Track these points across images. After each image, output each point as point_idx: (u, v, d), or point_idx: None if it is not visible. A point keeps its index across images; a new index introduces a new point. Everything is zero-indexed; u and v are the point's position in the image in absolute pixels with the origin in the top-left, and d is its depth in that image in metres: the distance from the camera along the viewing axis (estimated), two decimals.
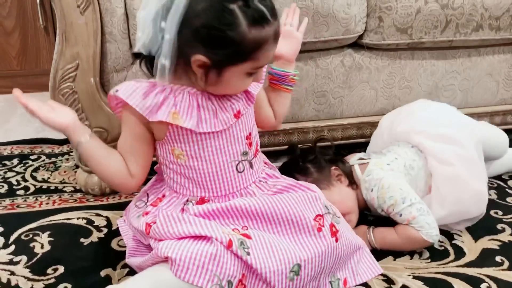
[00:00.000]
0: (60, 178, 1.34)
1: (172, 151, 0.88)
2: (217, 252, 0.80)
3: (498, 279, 0.97)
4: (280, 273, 0.83)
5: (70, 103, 1.13)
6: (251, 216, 0.89)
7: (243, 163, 0.91)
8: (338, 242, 0.90)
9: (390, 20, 1.28)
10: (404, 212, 1.02)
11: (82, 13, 1.06)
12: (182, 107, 0.84)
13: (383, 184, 1.06)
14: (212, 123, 0.86)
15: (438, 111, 1.23)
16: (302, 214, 0.89)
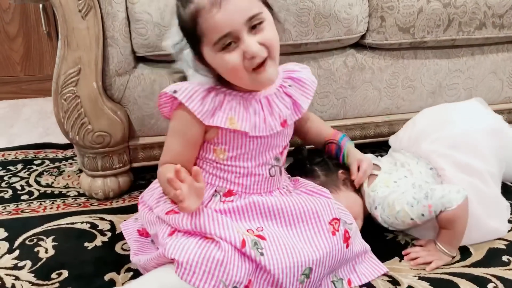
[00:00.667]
0: (64, 183, 1.34)
1: (214, 150, 0.92)
2: (224, 257, 0.80)
3: (505, 278, 0.96)
4: (292, 275, 0.84)
5: (72, 107, 1.13)
6: (268, 213, 0.90)
7: (275, 168, 0.96)
8: (348, 248, 0.91)
9: (392, 20, 1.27)
10: (421, 210, 0.99)
11: (83, 17, 1.06)
12: (237, 112, 0.88)
13: (388, 203, 1.03)
14: (261, 127, 0.90)
15: (470, 124, 1.13)
16: (318, 216, 0.91)
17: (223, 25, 0.79)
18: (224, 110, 0.88)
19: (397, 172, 1.10)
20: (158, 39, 1.13)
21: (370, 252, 1.01)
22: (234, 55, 0.82)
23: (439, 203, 0.98)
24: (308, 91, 0.98)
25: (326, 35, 1.24)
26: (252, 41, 0.81)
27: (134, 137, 1.24)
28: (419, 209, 0.99)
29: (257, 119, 0.90)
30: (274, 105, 0.92)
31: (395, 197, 1.03)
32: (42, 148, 1.56)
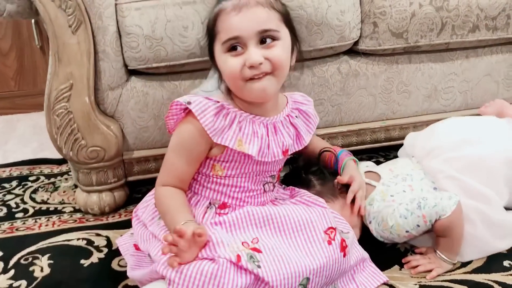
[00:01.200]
0: (59, 199, 1.33)
1: (213, 166, 0.93)
2: (217, 272, 0.79)
3: (507, 284, 0.95)
4: (290, 286, 0.82)
5: (65, 123, 1.12)
6: (263, 222, 0.89)
7: (269, 185, 0.98)
8: (345, 257, 0.90)
9: (385, 25, 1.26)
10: (415, 221, 0.97)
11: (74, 32, 1.06)
12: (246, 134, 0.90)
13: (382, 217, 1.02)
14: (265, 153, 0.92)
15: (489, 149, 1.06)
16: (313, 225, 0.90)
17: (235, 28, 0.83)
18: (234, 131, 0.89)
19: (396, 186, 1.07)
20: (150, 52, 1.12)
21: (370, 261, 1.00)
22: (235, 60, 0.84)
23: (433, 212, 0.96)
24: (311, 125, 1.03)
25: (319, 42, 1.23)
26: (256, 51, 0.84)
27: (128, 151, 1.23)
28: (413, 220, 0.98)
29: (263, 144, 0.91)
30: (280, 133, 0.94)
31: (388, 211, 1.01)
32: (37, 163, 1.55)
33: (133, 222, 1.01)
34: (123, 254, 1.04)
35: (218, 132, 0.88)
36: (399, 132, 1.42)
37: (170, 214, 0.88)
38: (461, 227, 0.98)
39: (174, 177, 0.92)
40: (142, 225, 0.97)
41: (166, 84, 1.19)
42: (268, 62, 0.84)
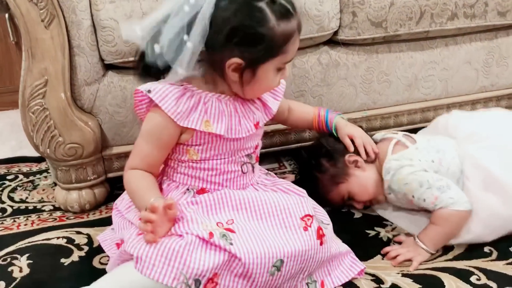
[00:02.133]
0: (38, 197, 1.31)
1: (187, 151, 0.91)
2: (184, 248, 0.79)
3: (487, 270, 0.96)
4: (262, 266, 0.82)
5: (41, 120, 1.09)
6: (240, 205, 0.90)
7: (247, 165, 0.97)
8: (322, 245, 0.89)
9: (364, 15, 1.26)
10: (426, 195, 1.00)
11: (46, 27, 1.03)
12: (213, 114, 0.88)
13: (401, 172, 1.04)
14: (237, 130, 0.91)
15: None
16: (290, 211, 0.90)
17: (295, 51, 0.88)
18: (200, 112, 0.87)
19: (428, 154, 1.08)
20: (126, 45, 1.10)
21: (352, 253, 1.00)
22: (279, 76, 0.89)
23: (446, 199, 0.98)
24: (277, 92, 1.00)
25: None
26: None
27: (107, 147, 1.21)
28: (425, 193, 1.00)
29: (233, 122, 0.90)
30: (247, 107, 0.93)
31: (410, 170, 1.03)
32: (15, 162, 1.52)
33: (113, 214, 1.02)
34: (105, 250, 1.03)
35: (183, 116, 0.86)
36: (381, 122, 1.42)
37: (139, 194, 0.88)
38: (455, 228, 1.00)
39: (143, 162, 0.91)
40: (121, 215, 0.97)
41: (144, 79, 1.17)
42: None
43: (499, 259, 0.99)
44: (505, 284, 0.92)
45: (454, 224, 1.00)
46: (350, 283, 0.94)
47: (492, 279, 0.94)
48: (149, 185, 0.90)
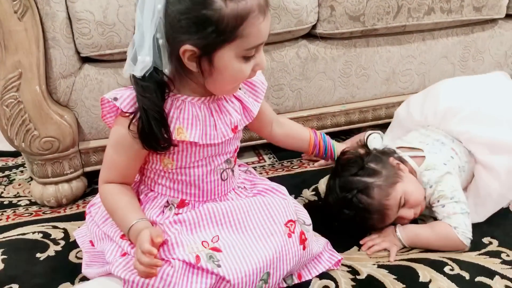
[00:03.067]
0: (14, 192, 1.29)
1: (161, 160, 0.87)
2: (172, 278, 0.78)
3: (461, 260, 0.98)
4: (251, 282, 0.82)
5: (15, 113, 1.08)
6: (223, 219, 0.88)
7: (227, 172, 0.92)
8: (305, 250, 0.90)
9: (342, 9, 1.27)
10: (448, 205, 1.01)
11: (20, 19, 1.01)
12: (186, 119, 0.83)
13: (439, 180, 1.04)
14: (212, 135, 0.85)
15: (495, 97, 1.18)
16: (273, 218, 0.89)
17: (263, 35, 0.78)
18: (171, 119, 0.82)
19: (442, 153, 1.10)
20: (102, 38, 1.09)
21: (329, 245, 1.01)
22: (248, 65, 0.79)
23: (459, 222, 1.00)
24: (258, 93, 0.94)
25: (277, 27, 1.22)
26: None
27: (84, 141, 1.20)
28: (449, 204, 1.01)
29: (207, 126, 0.85)
30: (225, 110, 0.87)
31: (447, 179, 1.04)
32: None
33: (87, 219, 0.98)
34: (80, 245, 1.02)
35: None
36: (359, 116, 1.44)
37: (120, 213, 0.85)
38: (442, 246, 1.01)
39: (116, 174, 0.87)
40: (96, 225, 0.94)
41: (120, 71, 1.16)
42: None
43: (472, 250, 1.01)
44: (477, 274, 0.94)
45: (446, 244, 1.01)
46: (327, 274, 0.95)
47: (464, 269, 0.96)
48: (129, 203, 0.86)
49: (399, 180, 1.01)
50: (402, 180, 1.02)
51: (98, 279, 0.84)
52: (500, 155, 1.07)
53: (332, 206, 1.04)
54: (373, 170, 1.02)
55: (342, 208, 1.01)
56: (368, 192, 1.00)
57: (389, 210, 1.00)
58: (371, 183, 1.00)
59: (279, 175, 1.32)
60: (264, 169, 1.36)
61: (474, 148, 1.10)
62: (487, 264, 0.97)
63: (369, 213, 1.00)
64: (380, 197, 0.99)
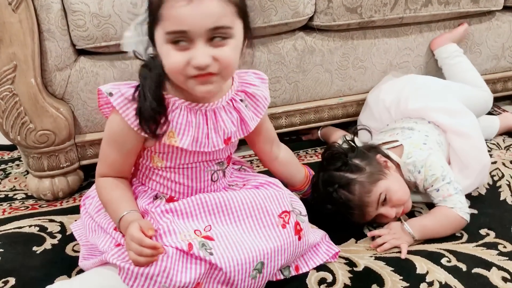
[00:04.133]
0: (10, 186, 1.28)
1: (151, 158, 0.87)
2: (166, 263, 0.78)
3: (458, 252, 0.98)
4: (243, 271, 0.82)
5: (10, 106, 1.07)
6: (216, 210, 0.87)
7: (218, 173, 0.92)
8: (300, 240, 0.90)
9: (339, 0, 1.26)
10: (442, 188, 1.03)
11: (14, 10, 1.00)
12: (179, 124, 0.82)
13: (426, 163, 1.06)
14: (203, 143, 0.84)
15: (435, 84, 1.31)
16: (267, 210, 0.89)
17: (183, 22, 0.71)
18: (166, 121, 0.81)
19: (415, 135, 1.14)
20: (98, 30, 1.08)
21: (327, 237, 1.01)
22: (179, 56, 0.73)
23: (456, 201, 1.02)
24: (259, 108, 0.91)
25: (274, 18, 1.21)
26: (205, 51, 0.73)
27: (80, 134, 1.19)
28: (443, 186, 1.03)
29: (200, 134, 0.83)
30: (220, 120, 0.85)
31: (432, 159, 1.06)
32: None
33: (81, 211, 0.98)
34: (77, 238, 1.01)
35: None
36: (356, 108, 1.43)
37: (113, 205, 0.84)
38: (448, 228, 1.03)
39: (111, 169, 0.87)
40: (90, 216, 0.94)
41: (116, 63, 1.15)
42: (216, 63, 0.74)
43: (469, 241, 1.01)
44: (474, 266, 0.94)
45: (450, 225, 1.02)
46: (324, 266, 0.95)
47: (461, 260, 0.96)
48: (122, 196, 0.86)
49: (382, 177, 1.02)
50: (386, 178, 1.02)
51: (94, 269, 0.84)
52: (460, 117, 1.17)
53: (316, 200, 1.05)
54: (356, 166, 1.03)
55: (324, 203, 1.02)
56: (349, 187, 1.00)
57: (369, 207, 1.01)
58: (352, 179, 1.00)
59: None
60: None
61: (436, 117, 1.19)
62: (484, 255, 0.97)
63: (349, 208, 1.00)
64: (361, 194, 1.00)
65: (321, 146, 1.45)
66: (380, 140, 1.19)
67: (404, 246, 0.99)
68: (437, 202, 1.05)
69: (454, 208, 1.01)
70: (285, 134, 1.48)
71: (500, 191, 1.19)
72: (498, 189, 1.20)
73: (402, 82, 1.32)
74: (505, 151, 1.38)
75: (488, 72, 1.58)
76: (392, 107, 1.27)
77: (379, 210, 1.02)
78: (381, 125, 1.30)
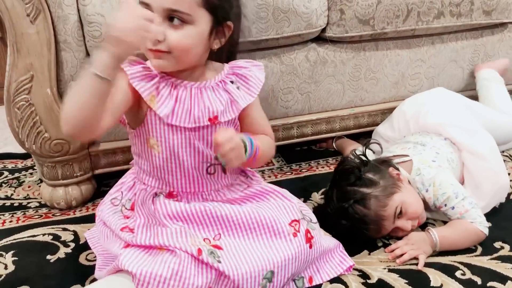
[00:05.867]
0: (24, 194, 1.29)
1: (147, 140, 0.88)
2: (179, 267, 0.79)
3: (472, 265, 0.97)
4: (253, 280, 0.82)
5: (27, 116, 1.08)
6: (225, 223, 0.88)
7: (215, 167, 0.91)
8: (312, 248, 0.90)
9: (352, 12, 1.27)
10: (457, 205, 1.03)
11: (32, 22, 1.02)
12: (161, 94, 0.84)
13: (435, 182, 1.06)
14: (183, 118, 0.85)
15: (458, 102, 1.30)
16: (277, 219, 0.89)
17: None
18: (152, 85, 0.84)
19: (426, 152, 1.14)
20: None
21: (340, 247, 1.01)
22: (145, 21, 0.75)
23: (474, 215, 1.02)
24: (252, 88, 0.92)
25: (286, 30, 1.22)
26: (159, 28, 0.79)
27: (94, 143, 1.20)
28: (458, 203, 1.03)
29: (181, 109, 0.85)
30: (206, 97, 0.87)
31: (441, 178, 1.06)
32: (0, 158, 1.50)
33: (96, 219, 1.00)
34: (92, 248, 1.02)
35: (135, 77, 0.83)
36: (368, 119, 1.43)
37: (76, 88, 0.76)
38: (467, 242, 1.02)
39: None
40: (103, 222, 0.95)
41: None
42: (166, 42, 0.80)
43: (483, 254, 1.01)
44: (489, 279, 0.93)
45: (469, 238, 1.02)
46: (337, 278, 0.95)
47: (476, 274, 0.95)
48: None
49: (397, 190, 1.02)
50: (401, 191, 1.02)
51: (107, 278, 0.84)
52: (477, 138, 1.16)
53: (330, 216, 1.04)
54: (370, 181, 1.02)
55: (339, 218, 1.01)
56: (365, 202, 1.00)
57: (385, 220, 1.01)
58: (367, 193, 1.00)
59: (288, 178, 1.32)
60: (272, 172, 1.36)
61: (453, 134, 1.18)
62: (499, 268, 0.96)
63: (365, 223, 1.00)
64: (377, 208, 0.99)
65: (332, 157, 1.45)
66: (391, 152, 1.19)
67: (423, 257, 0.98)
68: (454, 219, 1.04)
69: (474, 222, 1.01)
70: (297, 145, 1.49)
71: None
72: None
73: (426, 96, 1.33)
74: None
75: None
76: (412, 119, 1.27)
77: (395, 224, 1.02)
78: (398, 136, 1.31)
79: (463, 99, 1.34)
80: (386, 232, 1.03)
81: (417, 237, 1.02)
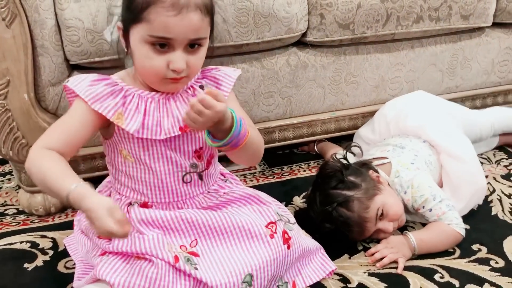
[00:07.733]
0: (1, 201, 1.27)
1: (120, 152, 0.88)
2: (157, 275, 0.78)
3: (450, 268, 0.99)
4: (231, 285, 0.81)
5: (3, 121, 1.06)
6: (201, 229, 0.88)
7: (191, 175, 0.91)
8: (290, 249, 0.89)
9: (332, 17, 1.27)
10: (435, 207, 1.04)
11: (8, 26, 1.00)
12: (129, 109, 0.83)
13: (413, 184, 1.07)
14: (154, 130, 0.84)
15: (439, 105, 1.32)
16: (253, 222, 0.89)
17: (171, 30, 0.77)
18: (117, 103, 0.82)
19: (404, 154, 1.16)
20: (92, 45, 1.08)
21: (321, 250, 1.01)
22: (160, 59, 0.79)
23: (451, 217, 1.03)
24: (223, 85, 0.91)
25: (267, 34, 1.22)
26: (182, 57, 0.80)
27: None
28: (436, 205, 1.04)
29: (150, 121, 0.84)
30: (174, 106, 0.86)
31: (420, 181, 1.07)
32: None
33: (75, 229, 0.98)
34: (71, 254, 1.01)
35: (97, 100, 0.81)
36: (349, 123, 1.44)
37: (54, 178, 0.76)
38: (445, 244, 1.03)
39: (60, 137, 0.81)
40: (81, 231, 0.94)
41: None
42: (188, 68, 0.81)
43: (461, 257, 1.02)
44: (467, 281, 0.95)
45: (447, 240, 1.03)
46: (318, 283, 0.95)
47: (454, 276, 0.96)
48: (67, 169, 0.78)
49: (378, 192, 1.03)
50: (382, 193, 1.04)
51: (86, 287, 0.83)
52: (455, 140, 1.18)
53: (313, 219, 1.04)
54: (353, 183, 1.03)
55: (323, 222, 1.02)
56: (348, 205, 1.01)
57: (368, 222, 1.02)
58: (350, 196, 1.01)
59: (270, 182, 1.32)
60: (254, 176, 1.36)
61: (432, 136, 1.20)
62: (476, 271, 0.98)
63: (349, 226, 1.01)
64: (359, 210, 1.01)
65: (314, 160, 1.46)
66: (371, 155, 1.20)
67: (402, 260, 0.99)
68: (432, 221, 1.06)
69: (451, 224, 1.03)
70: (279, 148, 1.49)
71: (491, 206, 1.20)
72: (489, 204, 1.21)
73: (406, 100, 1.34)
74: (496, 166, 1.39)
75: (478, 87, 1.61)
76: (392, 122, 1.29)
77: (377, 225, 1.03)
78: (379, 138, 1.33)
79: (442, 102, 1.36)
80: (369, 234, 1.04)
81: (396, 240, 1.02)
